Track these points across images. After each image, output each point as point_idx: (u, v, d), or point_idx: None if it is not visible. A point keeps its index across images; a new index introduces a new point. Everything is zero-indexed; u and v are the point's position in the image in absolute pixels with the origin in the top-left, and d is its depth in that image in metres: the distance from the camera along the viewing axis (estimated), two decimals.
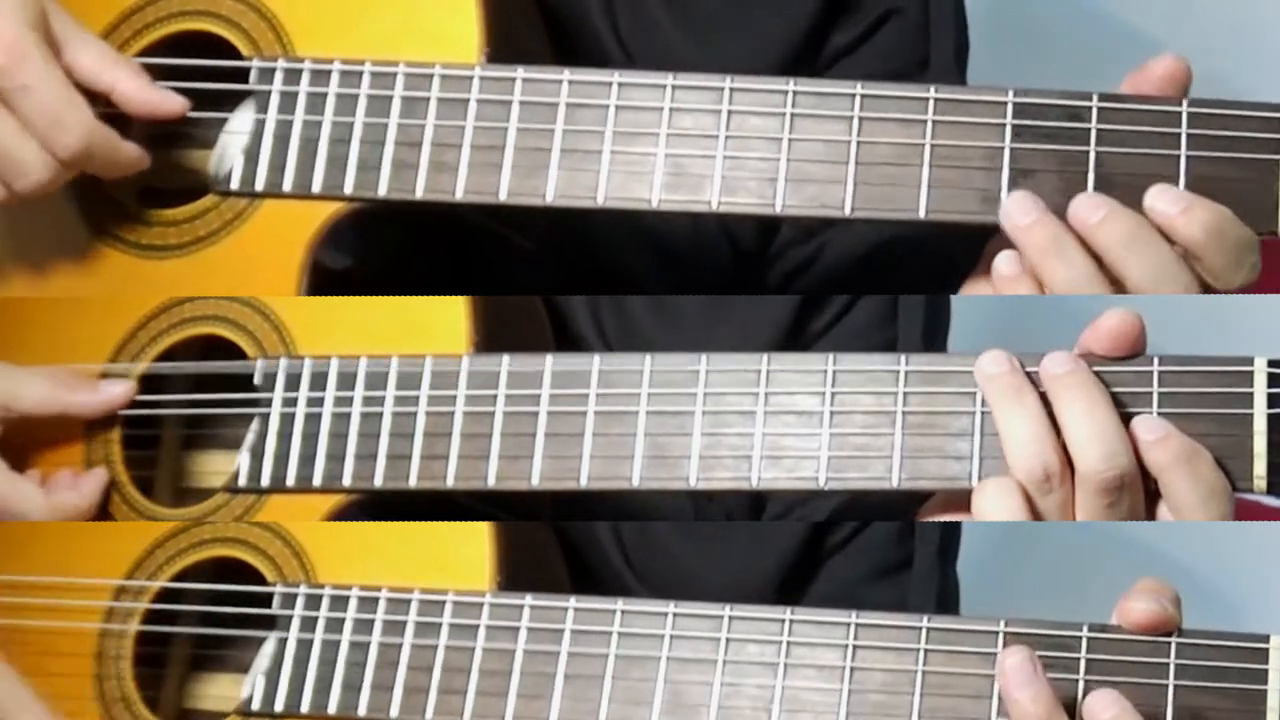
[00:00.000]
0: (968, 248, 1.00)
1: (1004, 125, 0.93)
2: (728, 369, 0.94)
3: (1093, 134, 0.92)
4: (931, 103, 0.94)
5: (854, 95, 0.94)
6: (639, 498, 1.02)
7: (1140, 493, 0.88)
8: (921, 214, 0.93)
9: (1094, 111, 0.92)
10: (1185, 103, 0.92)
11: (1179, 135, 0.92)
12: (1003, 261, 0.92)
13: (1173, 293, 0.90)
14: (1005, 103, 0.93)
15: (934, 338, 1.12)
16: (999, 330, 0.91)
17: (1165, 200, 0.91)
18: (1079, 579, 1.60)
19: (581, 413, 0.95)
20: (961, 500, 0.91)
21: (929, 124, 0.93)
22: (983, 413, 0.91)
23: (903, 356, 0.93)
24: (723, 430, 0.94)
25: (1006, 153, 0.93)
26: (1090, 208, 0.91)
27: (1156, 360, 0.90)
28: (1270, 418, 0.88)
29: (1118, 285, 0.91)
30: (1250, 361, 0.89)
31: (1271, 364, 0.89)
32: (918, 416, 0.92)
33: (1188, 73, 0.93)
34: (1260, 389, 0.89)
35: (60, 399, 1.00)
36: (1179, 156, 0.91)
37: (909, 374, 0.92)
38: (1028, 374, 0.90)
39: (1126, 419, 0.88)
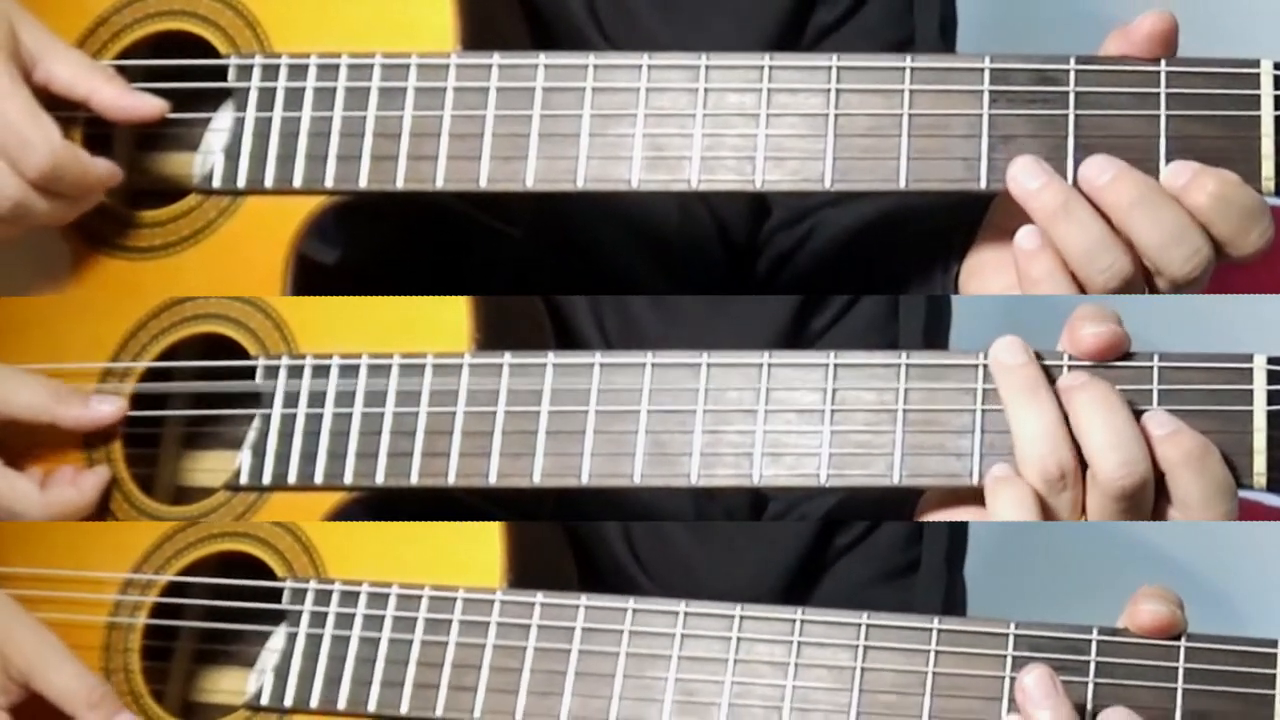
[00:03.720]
0: (957, 223, 1.00)
1: (982, 92, 0.92)
2: (729, 366, 0.94)
3: (1071, 97, 0.92)
4: (909, 72, 0.93)
5: (831, 68, 0.94)
6: (640, 495, 1.02)
7: (1152, 492, 0.87)
8: (902, 184, 0.92)
9: (1071, 75, 0.92)
10: (1163, 62, 0.91)
11: (1158, 95, 0.91)
12: (1023, 237, 0.90)
13: (1183, 254, 0.89)
14: (982, 69, 0.93)
15: (935, 337, 1.11)
16: (1000, 330, 0.90)
17: (1172, 172, 0.90)
18: (1082, 579, 1.60)
19: (583, 410, 0.95)
20: (960, 497, 0.91)
21: (906, 93, 0.93)
22: (984, 410, 0.90)
23: (904, 353, 0.92)
24: (724, 427, 0.93)
25: (985, 119, 0.92)
26: (1099, 169, 0.90)
27: (1157, 357, 0.90)
28: (1270, 414, 0.88)
29: (1130, 248, 0.90)
30: (1250, 359, 0.89)
31: (1271, 361, 0.89)
32: (919, 413, 0.91)
33: (1174, 29, 0.91)
34: (1260, 386, 0.89)
35: (50, 409, 1.00)
36: (1159, 117, 0.91)
37: (910, 370, 0.92)
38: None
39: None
